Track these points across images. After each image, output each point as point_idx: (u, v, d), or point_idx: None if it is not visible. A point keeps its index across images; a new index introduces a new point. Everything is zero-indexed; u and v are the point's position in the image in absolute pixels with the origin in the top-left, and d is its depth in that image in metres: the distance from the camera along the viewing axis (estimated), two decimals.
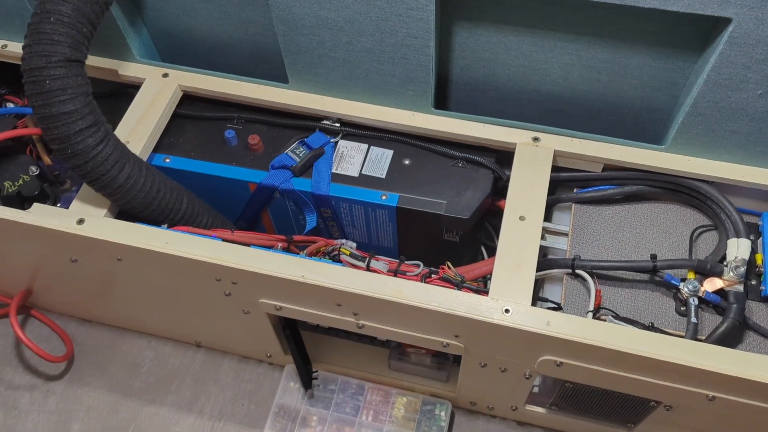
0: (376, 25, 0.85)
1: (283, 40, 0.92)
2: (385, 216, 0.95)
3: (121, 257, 0.88)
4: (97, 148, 0.80)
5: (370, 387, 1.05)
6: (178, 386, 1.10)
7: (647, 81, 0.89)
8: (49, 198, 1.00)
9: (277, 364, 1.11)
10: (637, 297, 0.87)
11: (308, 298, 0.84)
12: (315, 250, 0.90)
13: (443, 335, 0.83)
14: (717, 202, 0.89)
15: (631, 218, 0.93)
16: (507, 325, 0.77)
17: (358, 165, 0.96)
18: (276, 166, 0.96)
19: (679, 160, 0.90)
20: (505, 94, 0.97)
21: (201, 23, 1.01)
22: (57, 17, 0.77)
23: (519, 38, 0.88)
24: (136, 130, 0.95)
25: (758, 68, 0.77)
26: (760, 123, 0.83)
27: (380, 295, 0.79)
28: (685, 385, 0.77)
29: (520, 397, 0.95)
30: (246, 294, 0.88)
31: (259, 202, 0.99)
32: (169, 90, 1.00)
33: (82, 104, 0.79)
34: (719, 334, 0.81)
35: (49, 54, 0.76)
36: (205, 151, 0.98)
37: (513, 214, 0.86)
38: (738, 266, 0.83)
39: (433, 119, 0.95)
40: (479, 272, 0.91)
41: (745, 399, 0.76)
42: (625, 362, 0.76)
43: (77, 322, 1.17)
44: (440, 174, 0.95)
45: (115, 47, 1.01)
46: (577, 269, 0.87)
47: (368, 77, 0.93)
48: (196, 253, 0.83)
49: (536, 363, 0.81)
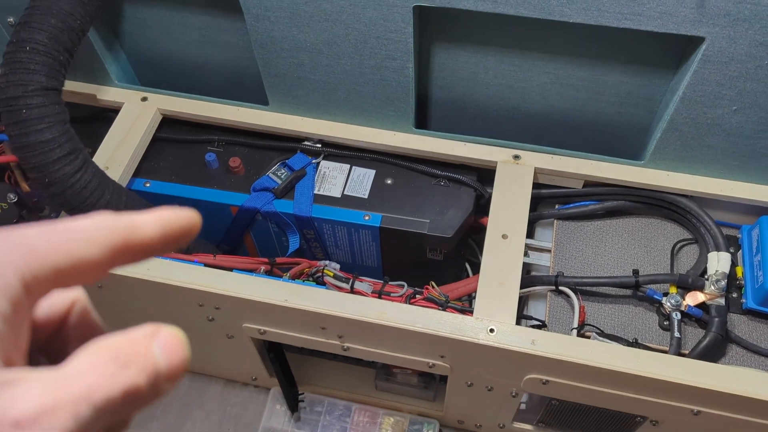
0: (355, 47, 0.86)
1: (262, 63, 0.92)
2: (368, 236, 0.95)
3: (101, 284, 0.87)
4: (75, 176, 0.80)
5: (356, 408, 1.04)
6: (163, 412, 1.09)
7: (624, 98, 0.90)
8: None
9: (263, 386, 1.10)
10: (621, 312, 0.87)
11: (292, 321, 0.84)
12: (298, 272, 0.90)
13: (429, 356, 0.83)
14: (696, 216, 0.90)
15: (612, 233, 0.94)
16: (492, 345, 0.77)
17: (340, 185, 0.96)
18: (257, 189, 0.95)
19: (658, 175, 0.91)
20: (485, 113, 0.97)
21: (179, 47, 1.01)
22: (33, 46, 0.76)
23: (497, 58, 0.89)
24: (115, 155, 0.95)
25: (732, 85, 0.78)
26: (735, 138, 0.84)
27: (365, 318, 0.79)
28: (670, 400, 0.77)
29: (507, 414, 0.95)
30: (229, 319, 0.87)
31: (242, 225, 0.99)
32: (149, 114, 0.99)
33: (60, 132, 0.78)
34: (702, 348, 0.81)
35: (26, 83, 0.76)
36: (186, 174, 0.98)
37: (495, 232, 0.86)
38: (719, 279, 0.83)
39: (415, 139, 0.96)
40: (463, 291, 0.91)
41: (730, 413, 0.77)
42: (610, 379, 0.77)
43: None
44: (422, 193, 0.95)
45: (94, 72, 1.01)
46: (561, 286, 0.87)
47: (348, 98, 0.93)
48: (178, 279, 0.82)
49: (522, 381, 0.81)
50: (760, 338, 0.85)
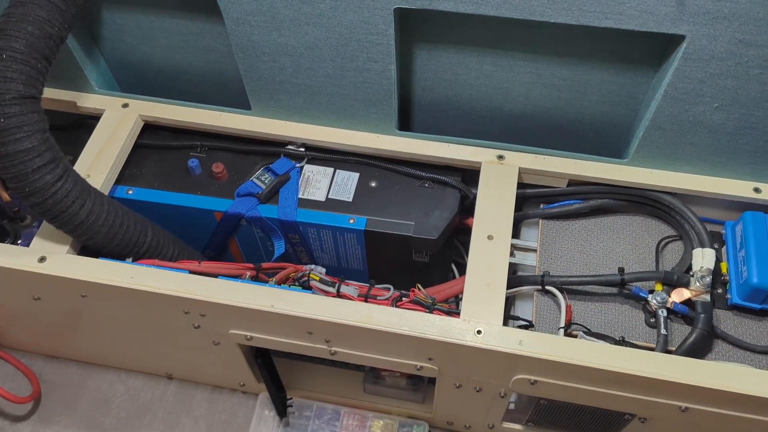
0: (336, 50, 0.85)
1: (243, 67, 0.91)
2: (353, 240, 0.94)
3: (85, 294, 0.86)
4: (56, 185, 0.79)
5: (346, 411, 1.04)
6: (151, 420, 1.08)
7: (607, 97, 0.90)
8: (10, 235, 0.97)
9: (251, 392, 1.09)
10: (607, 310, 0.87)
11: (279, 327, 0.83)
12: (284, 277, 0.89)
13: (416, 359, 0.83)
14: (680, 213, 0.91)
15: (597, 231, 0.94)
16: (479, 346, 0.77)
17: (324, 189, 0.95)
18: (241, 194, 0.95)
19: (641, 173, 0.91)
20: (469, 114, 0.97)
21: (160, 52, 1.00)
22: (9, 54, 0.75)
23: (479, 58, 0.88)
24: (97, 163, 0.94)
25: (713, 82, 0.78)
26: (717, 134, 0.85)
27: (351, 322, 0.79)
28: (657, 397, 0.78)
29: (496, 415, 0.95)
30: (215, 326, 0.86)
31: (226, 231, 0.98)
32: (130, 120, 0.98)
33: (39, 141, 0.77)
34: (689, 345, 0.81)
35: (3, 92, 0.74)
36: (169, 181, 0.97)
37: (481, 233, 0.86)
38: (704, 276, 0.84)
39: (398, 141, 0.95)
40: (450, 292, 0.91)
41: (717, 409, 0.77)
42: (598, 378, 0.77)
43: (44, 358, 1.14)
44: (407, 195, 0.94)
45: (73, 79, 1.00)
46: (547, 285, 0.87)
47: (331, 102, 0.93)
48: (162, 286, 0.82)
49: (510, 382, 0.81)
50: (745, 333, 0.85)
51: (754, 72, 0.76)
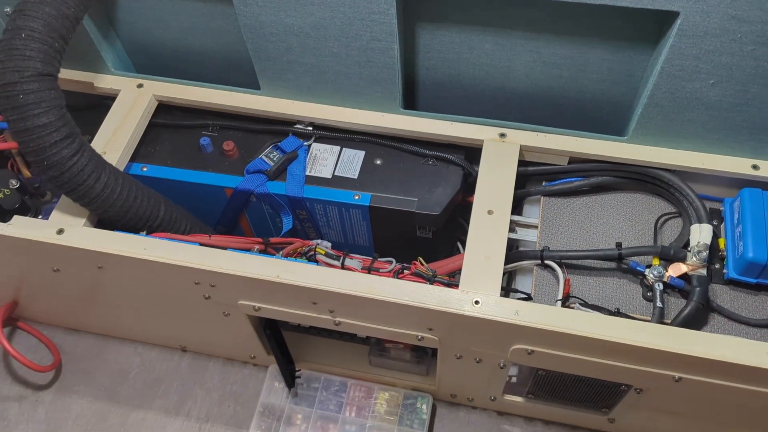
0: (341, 30, 0.88)
1: (252, 48, 0.94)
2: (358, 215, 0.97)
3: (101, 265, 0.90)
4: (72, 158, 0.82)
5: (352, 384, 1.07)
6: (165, 390, 1.12)
7: (606, 75, 0.92)
8: (30, 210, 1.02)
9: (261, 365, 1.13)
10: (605, 285, 0.89)
11: (285, 297, 0.86)
12: (292, 251, 0.92)
13: (417, 329, 0.86)
14: (679, 190, 0.92)
15: (598, 208, 0.96)
16: (477, 316, 0.79)
17: (331, 167, 0.98)
18: (251, 171, 0.98)
19: (641, 150, 0.93)
20: (471, 93, 0.99)
21: (173, 34, 1.04)
22: (28, 33, 0.79)
23: (481, 38, 0.90)
24: (112, 141, 0.97)
25: (708, 59, 0.79)
26: (714, 111, 0.86)
27: (353, 292, 0.82)
28: (651, 367, 0.80)
29: (497, 387, 0.98)
30: (225, 296, 0.90)
31: (236, 207, 1.01)
32: (144, 100, 1.02)
33: (56, 117, 0.81)
34: (684, 317, 0.83)
35: (22, 69, 0.78)
36: (182, 158, 1.01)
37: (481, 208, 0.89)
38: (701, 251, 0.85)
39: (402, 119, 0.98)
40: (452, 267, 0.93)
41: (711, 378, 0.79)
42: (593, 348, 0.79)
43: (64, 331, 1.18)
44: (411, 172, 0.97)
45: (90, 60, 1.03)
46: (546, 260, 0.89)
47: (337, 81, 0.96)
48: (174, 257, 0.85)
49: (509, 352, 0.84)
50: (741, 307, 0.87)
51: (747, 48, 0.77)
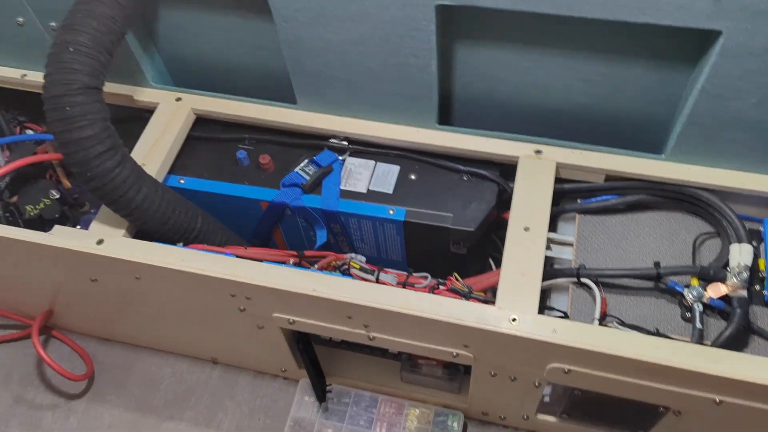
0: (380, 46, 0.88)
1: (290, 63, 0.95)
2: (393, 230, 0.97)
3: (139, 275, 0.91)
4: (115, 170, 0.84)
5: (383, 399, 1.07)
6: (196, 402, 1.12)
7: (644, 93, 0.91)
8: (69, 220, 1.03)
9: (292, 378, 1.13)
10: (642, 304, 0.88)
11: (320, 311, 0.86)
12: (326, 264, 0.93)
13: (452, 345, 0.85)
14: (718, 210, 0.91)
15: (634, 227, 0.95)
16: (514, 333, 0.79)
17: (365, 181, 0.98)
18: (287, 184, 0.99)
19: (679, 169, 0.92)
20: (507, 109, 0.99)
21: (212, 49, 1.05)
22: (76, 47, 0.81)
23: (518, 55, 0.91)
24: (151, 153, 0.99)
25: (751, 78, 0.79)
26: (756, 131, 0.85)
27: (389, 307, 0.81)
28: (692, 389, 0.78)
29: (530, 406, 0.97)
30: (260, 309, 0.90)
31: (271, 220, 1.02)
32: (183, 113, 1.03)
33: (101, 129, 0.82)
34: (724, 339, 0.82)
35: (69, 82, 0.80)
36: (218, 171, 1.02)
37: (517, 224, 0.88)
38: (741, 272, 0.84)
39: (438, 135, 0.98)
40: (487, 283, 0.93)
41: (751, 402, 0.77)
42: (631, 368, 0.78)
43: (97, 341, 1.20)
44: (446, 188, 0.97)
45: (130, 73, 1.05)
46: (583, 278, 0.88)
47: (373, 96, 0.96)
48: (211, 269, 0.86)
49: (545, 371, 0.83)
50: None
51: None
